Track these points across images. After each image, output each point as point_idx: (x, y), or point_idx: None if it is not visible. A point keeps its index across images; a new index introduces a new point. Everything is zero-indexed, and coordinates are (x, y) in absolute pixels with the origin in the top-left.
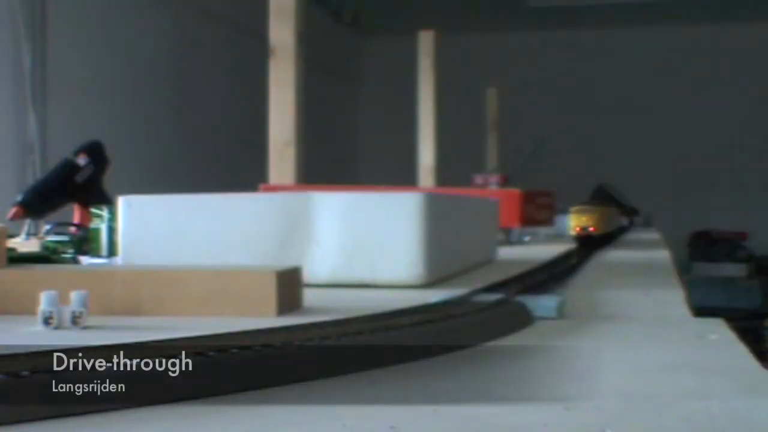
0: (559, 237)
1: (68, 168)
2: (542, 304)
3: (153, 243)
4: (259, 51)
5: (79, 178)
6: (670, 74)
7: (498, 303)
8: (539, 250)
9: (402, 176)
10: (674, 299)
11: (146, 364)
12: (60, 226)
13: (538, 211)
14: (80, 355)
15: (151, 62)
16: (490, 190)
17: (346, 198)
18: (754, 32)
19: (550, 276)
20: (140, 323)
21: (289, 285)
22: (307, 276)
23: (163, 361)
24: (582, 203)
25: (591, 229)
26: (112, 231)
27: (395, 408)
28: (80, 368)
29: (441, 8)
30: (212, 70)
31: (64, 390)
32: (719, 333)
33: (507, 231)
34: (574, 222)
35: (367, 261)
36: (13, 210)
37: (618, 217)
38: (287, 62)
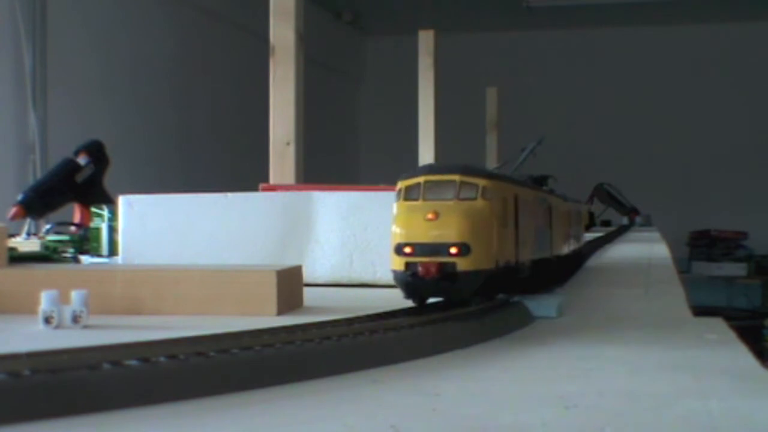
0: None
1: (69, 167)
2: (542, 303)
3: (153, 242)
4: (260, 50)
5: (80, 177)
6: (671, 74)
7: (498, 302)
8: None
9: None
10: (674, 299)
11: (146, 363)
12: (60, 226)
13: None
14: (81, 354)
15: (151, 62)
16: None
17: (346, 197)
18: (756, 33)
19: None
20: (140, 322)
21: (290, 284)
22: (308, 275)
23: (163, 359)
24: (430, 168)
25: (453, 251)
26: (112, 230)
27: (395, 408)
28: (80, 368)
29: (441, 8)
30: (212, 70)
31: (64, 389)
32: (719, 333)
33: None
34: (400, 228)
35: (367, 260)
36: (14, 209)
37: (578, 216)
38: (287, 62)
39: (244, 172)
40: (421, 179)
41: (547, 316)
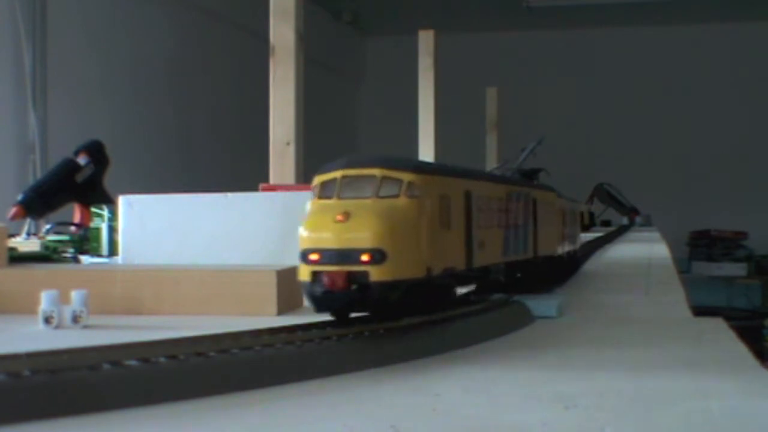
0: None
1: (69, 167)
2: (542, 303)
3: (153, 242)
4: (260, 50)
5: (80, 177)
6: (670, 74)
7: (499, 302)
8: None
9: None
10: (674, 299)
11: (146, 363)
12: (60, 226)
13: None
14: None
15: (151, 61)
16: None
17: None
18: (756, 33)
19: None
20: (140, 322)
21: (290, 284)
22: None
23: (163, 359)
24: (349, 161)
25: (364, 258)
26: (112, 230)
27: (395, 408)
28: (80, 368)
29: (441, 8)
30: (212, 70)
31: (64, 389)
32: (719, 333)
33: None
34: (307, 232)
35: None
36: (14, 210)
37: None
38: (287, 62)
39: (244, 172)
40: (338, 174)
41: (547, 316)
